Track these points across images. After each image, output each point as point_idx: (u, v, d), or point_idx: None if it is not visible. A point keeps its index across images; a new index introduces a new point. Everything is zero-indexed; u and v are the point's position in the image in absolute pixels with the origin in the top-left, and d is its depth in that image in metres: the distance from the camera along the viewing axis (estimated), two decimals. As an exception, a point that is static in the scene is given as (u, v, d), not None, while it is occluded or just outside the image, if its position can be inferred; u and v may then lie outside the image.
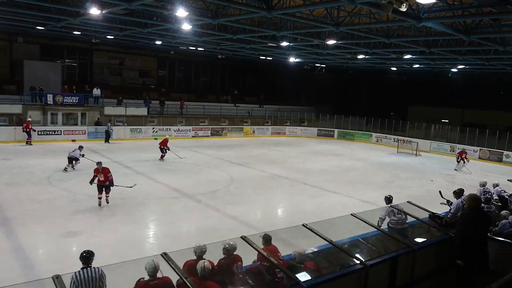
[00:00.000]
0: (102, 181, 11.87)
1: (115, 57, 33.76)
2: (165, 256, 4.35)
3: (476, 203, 5.07)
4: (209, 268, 4.54)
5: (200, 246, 5.02)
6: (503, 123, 31.51)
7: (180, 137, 28.67)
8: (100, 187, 11.92)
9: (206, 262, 4.59)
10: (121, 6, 14.45)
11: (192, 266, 4.74)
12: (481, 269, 4.86)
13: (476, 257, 4.79)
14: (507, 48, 17.32)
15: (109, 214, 11.35)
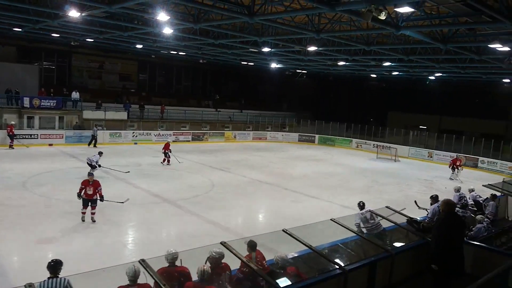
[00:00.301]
0: (90, 195, 10.81)
1: (94, 60, 33.32)
2: (143, 262, 4.29)
3: (450, 208, 5.17)
4: (209, 271, 4.53)
5: (171, 253, 4.96)
6: (478, 130, 32.36)
7: (161, 142, 28.32)
8: (86, 201, 10.82)
9: (206, 266, 4.58)
10: (101, 9, 14.26)
11: (164, 274, 4.70)
12: (457, 273, 4.95)
13: (451, 261, 4.87)
14: (482, 57, 17.81)
15: (86, 221, 11.11)
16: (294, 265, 5.11)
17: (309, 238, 5.83)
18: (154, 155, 22.94)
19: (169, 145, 20.88)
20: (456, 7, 10.69)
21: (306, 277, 4.77)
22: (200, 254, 5.17)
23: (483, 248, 5.83)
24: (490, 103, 33.88)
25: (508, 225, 10.75)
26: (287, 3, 13.42)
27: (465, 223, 7.60)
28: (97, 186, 10.96)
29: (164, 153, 20.53)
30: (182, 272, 4.95)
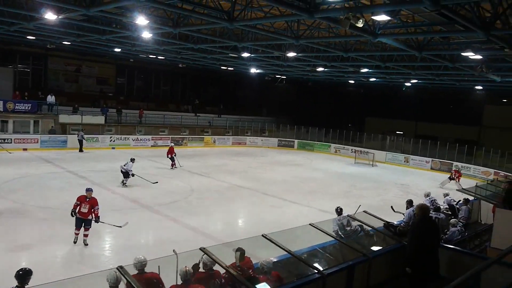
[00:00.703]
0: (85, 214, 9.53)
1: (71, 63, 32.70)
2: (121, 269, 4.23)
3: (424, 212, 5.30)
4: (191, 272, 4.62)
5: (140, 260, 4.97)
6: (453, 135, 33.26)
7: (139, 147, 28.08)
8: (80, 220, 9.54)
9: (188, 267, 4.65)
10: (78, 12, 14.03)
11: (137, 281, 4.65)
12: (433, 276, 5.06)
13: (426, 264, 4.99)
14: (456, 64, 18.33)
15: (61, 226, 10.85)
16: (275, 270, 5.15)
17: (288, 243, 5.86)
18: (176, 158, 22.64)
19: (173, 149, 21.69)
20: (431, 16, 10.99)
21: (285, 281, 4.80)
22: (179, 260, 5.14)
23: (457, 251, 5.97)
24: (463, 109, 34.89)
25: (480, 228, 11.07)
26: (266, 9, 13.54)
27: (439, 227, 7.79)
28: (94, 205, 9.67)
29: (171, 158, 21.29)
30: (150, 278, 4.91)
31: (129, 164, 16.18)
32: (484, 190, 12.21)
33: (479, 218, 12.42)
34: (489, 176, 24.08)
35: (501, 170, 24.44)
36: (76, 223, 9.55)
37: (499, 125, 32.14)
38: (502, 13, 10.30)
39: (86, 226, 9.55)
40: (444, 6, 9.09)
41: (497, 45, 12.89)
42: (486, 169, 25.35)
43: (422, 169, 28.23)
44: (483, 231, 10.61)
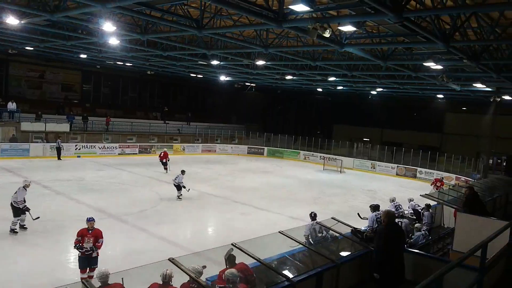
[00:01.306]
0: (89, 253, 7.94)
1: (34, 69, 31.65)
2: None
3: (390, 218, 5.45)
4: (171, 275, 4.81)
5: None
6: (417, 142, 34.41)
7: (106, 155, 27.43)
8: (84, 260, 7.96)
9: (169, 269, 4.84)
10: (42, 17, 13.64)
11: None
12: (399, 280, 5.21)
13: (392, 269, 5.12)
14: (418, 74, 19.01)
15: (23, 238, 10.46)
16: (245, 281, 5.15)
17: (258, 251, 5.88)
18: (98, 169, 22.13)
19: (167, 154, 23.15)
20: (394, 28, 11.37)
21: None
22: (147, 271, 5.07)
23: (421, 255, 6.16)
24: (426, 117, 36.21)
25: (443, 232, 11.47)
26: (236, 17, 13.62)
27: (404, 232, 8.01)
28: (99, 237, 8.08)
29: (163, 162, 22.49)
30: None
31: (179, 177, 16.26)
32: (446, 195, 12.67)
33: (442, 222, 12.87)
34: (451, 181, 25.02)
35: (462, 175, 25.46)
36: (80, 263, 7.99)
37: (459, 132, 33.52)
38: (460, 25, 10.81)
39: (92, 266, 7.95)
40: (406, 19, 9.44)
41: (456, 56, 13.48)
42: (448, 175, 26.32)
43: (388, 175, 29.00)
44: (445, 235, 11.00)
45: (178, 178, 16.21)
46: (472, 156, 27.86)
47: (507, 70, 16.35)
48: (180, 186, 16.12)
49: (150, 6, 12.23)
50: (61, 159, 24.48)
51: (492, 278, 4.64)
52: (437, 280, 3.22)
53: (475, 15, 10.48)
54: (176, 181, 16.21)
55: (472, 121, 32.08)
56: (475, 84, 19.81)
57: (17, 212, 10.84)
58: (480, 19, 10.83)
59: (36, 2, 12.86)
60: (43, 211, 11.97)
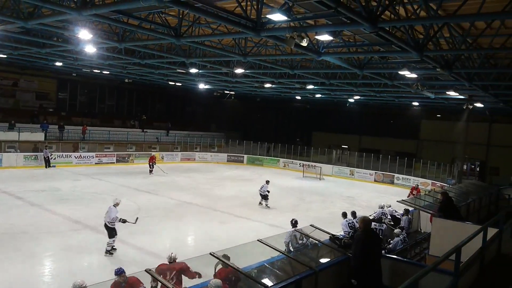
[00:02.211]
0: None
1: (7, 77, 30.88)
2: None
3: (366, 225, 5.52)
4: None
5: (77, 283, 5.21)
6: (394, 148, 35.02)
7: (82, 164, 26.90)
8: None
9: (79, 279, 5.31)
10: (16, 24, 13.35)
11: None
12: (376, 286, 5.26)
13: (369, 275, 5.18)
14: (394, 82, 19.41)
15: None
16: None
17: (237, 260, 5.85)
18: (74, 179, 21.67)
19: (154, 158, 26.25)
20: (370, 37, 11.62)
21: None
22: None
23: (399, 261, 6.26)
24: (402, 124, 36.92)
25: (420, 237, 11.68)
26: (214, 26, 13.65)
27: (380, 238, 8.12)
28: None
29: (151, 165, 25.31)
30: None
31: (265, 186, 17.51)
32: (422, 200, 12.93)
33: (419, 227, 13.11)
34: (427, 187, 25.53)
35: (438, 181, 26.02)
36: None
37: (434, 138, 34.30)
38: (433, 35, 11.13)
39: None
40: (381, 28, 9.65)
41: (430, 64, 13.85)
42: (425, 180, 26.86)
43: (366, 181, 29.39)
44: (422, 240, 11.21)
45: (263, 188, 17.66)
46: (448, 162, 28.55)
47: (478, 78, 16.87)
48: (267, 196, 17.52)
49: (127, 14, 12.14)
50: (54, 166, 25.07)
51: (466, 282, 4.74)
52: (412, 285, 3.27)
53: (447, 25, 10.82)
54: (262, 190, 17.74)
55: (446, 128, 32.88)
56: (448, 92, 20.36)
57: (112, 233, 10.64)
58: (452, 29, 11.17)
59: (9, 9, 12.59)
60: (16, 223, 11.63)
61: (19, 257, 9.91)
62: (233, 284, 5.24)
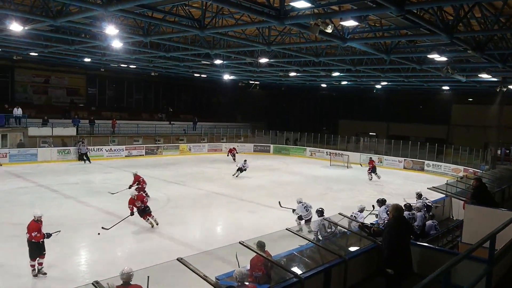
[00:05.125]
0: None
1: (39, 74, 31.91)
2: (97, 284, 4.16)
3: (399, 212, 5.45)
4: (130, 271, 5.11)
5: (126, 271, 5.16)
6: (423, 134, 34.21)
7: (113, 157, 27.59)
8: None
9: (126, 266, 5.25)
10: (45, 23, 13.76)
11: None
12: (407, 274, 5.20)
13: (402, 263, 5.12)
14: (423, 66, 18.91)
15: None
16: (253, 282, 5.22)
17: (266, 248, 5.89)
18: (106, 171, 22.28)
19: (233, 149, 28.50)
20: (397, 21, 11.32)
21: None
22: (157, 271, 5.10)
23: (430, 248, 6.15)
24: (432, 109, 35.99)
25: (452, 224, 11.42)
26: (237, 16, 13.62)
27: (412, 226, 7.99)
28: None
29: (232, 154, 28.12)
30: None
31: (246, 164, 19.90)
32: (454, 187, 12.60)
33: (451, 215, 12.82)
34: (459, 173, 24.86)
35: (470, 167, 25.28)
36: None
37: (466, 123, 33.29)
38: (463, 16, 10.73)
39: None
40: (408, 11, 9.39)
41: (460, 47, 13.39)
42: (456, 167, 26.16)
43: (395, 168, 28.89)
44: (454, 227, 10.95)
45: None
46: (480, 147, 27.68)
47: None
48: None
49: (151, 8, 12.29)
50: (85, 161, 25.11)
51: (501, 270, 4.62)
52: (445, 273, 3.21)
53: (478, 5, 10.40)
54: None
55: (479, 112, 31.84)
56: (480, 74, 19.65)
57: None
58: (483, 8, 10.74)
59: (39, 8, 12.96)
60: (52, 215, 12.08)
61: (56, 247, 10.27)
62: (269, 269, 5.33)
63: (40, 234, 8.58)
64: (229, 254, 6.34)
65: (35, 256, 8.54)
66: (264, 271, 5.41)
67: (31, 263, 8.59)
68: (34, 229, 8.55)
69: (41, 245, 8.63)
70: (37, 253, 8.57)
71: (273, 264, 5.29)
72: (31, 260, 8.57)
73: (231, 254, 6.14)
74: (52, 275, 8.66)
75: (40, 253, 8.61)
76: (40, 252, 8.61)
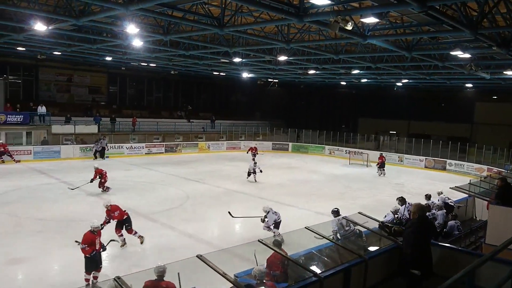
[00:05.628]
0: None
1: (62, 73, 32.63)
2: (119, 280, 4.22)
3: (423, 212, 5.35)
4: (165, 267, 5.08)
5: (159, 267, 5.17)
6: (445, 133, 33.53)
7: (133, 155, 27.99)
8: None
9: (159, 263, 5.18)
10: (68, 22, 14.05)
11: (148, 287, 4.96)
12: (428, 274, 5.11)
13: (424, 263, 5.04)
14: (445, 63, 18.52)
15: (57, 237, 10.79)
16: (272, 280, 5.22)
17: (285, 247, 5.89)
18: (126, 168, 22.61)
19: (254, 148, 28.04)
20: (419, 17, 11.13)
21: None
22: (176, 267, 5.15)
23: (453, 249, 6.03)
24: (455, 107, 35.24)
25: (476, 225, 11.17)
26: (256, 14, 13.62)
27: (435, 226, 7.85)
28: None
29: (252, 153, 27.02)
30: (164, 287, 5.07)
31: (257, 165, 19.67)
32: (477, 187, 12.33)
33: (474, 215, 12.55)
34: (483, 173, 24.29)
35: (494, 166, 24.66)
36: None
37: (491, 122, 32.47)
38: (488, 12, 10.45)
39: None
40: (431, 7, 9.20)
41: (485, 43, 13.05)
42: (480, 166, 25.56)
43: (416, 167, 28.42)
44: (478, 228, 10.71)
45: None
46: (505, 146, 26.96)
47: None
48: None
49: (171, 7, 12.39)
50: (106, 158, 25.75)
51: (527, 272, 4.48)
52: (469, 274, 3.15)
53: (504, 0, 10.11)
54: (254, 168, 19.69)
55: (504, 110, 31.03)
56: (506, 71, 19.14)
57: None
58: (509, 3, 10.44)
59: (62, 8, 13.23)
60: (75, 210, 12.33)
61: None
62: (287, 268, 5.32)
63: (90, 247, 7.84)
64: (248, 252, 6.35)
65: (89, 270, 7.92)
66: (282, 270, 5.41)
67: (86, 277, 7.89)
68: (85, 241, 7.86)
69: (92, 259, 7.90)
70: (91, 267, 7.94)
71: (290, 263, 5.28)
72: (86, 274, 7.91)
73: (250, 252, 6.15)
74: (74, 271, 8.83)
75: (94, 267, 7.98)
76: (94, 266, 7.98)
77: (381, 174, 24.37)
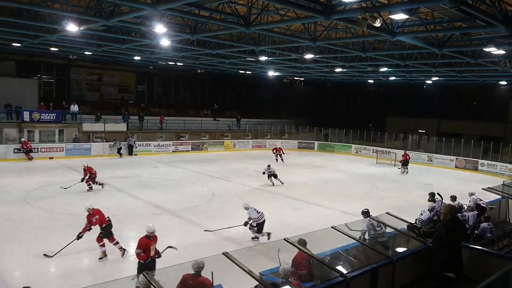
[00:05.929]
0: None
1: (93, 73, 33.49)
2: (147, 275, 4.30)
3: (455, 213, 5.21)
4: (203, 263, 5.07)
5: (197, 262, 5.24)
6: (477, 132, 32.45)
7: (161, 152, 28.45)
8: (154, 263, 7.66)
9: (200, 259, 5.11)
10: (99, 23, 14.40)
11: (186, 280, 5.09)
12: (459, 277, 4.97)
13: (455, 266, 4.90)
14: (478, 60, 17.93)
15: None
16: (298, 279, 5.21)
17: (311, 246, 5.85)
18: (154, 166, 23.00)
19: (279, 149, 26.90)
20: (450, 13, 10.82)
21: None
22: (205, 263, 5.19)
23: (485, 252, 5.84)
24: (488, 105, 34.04)
25: (509, 228, 10.77)
26: (283, 12, 13.57)
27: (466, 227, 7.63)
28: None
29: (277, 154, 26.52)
30: (200, 282, 5.10)
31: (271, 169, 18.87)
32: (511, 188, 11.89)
33: (507, 217, 12.10)
34: (517, 174, 23.41)
35: (529, 167, 23.73)
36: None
37: (526, 121, 31.25)
38: (524, 6, 10.06)
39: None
40: (463, 2, 8.94)
41: (520, 39, 12.58)
42: (513, 166, 24.64)
43: (446, 167, 27.68)
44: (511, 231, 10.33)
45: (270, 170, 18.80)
46: (541, 146, 25.89)
47: None
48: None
49: (198, 6, 12.51)
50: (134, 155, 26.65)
51: None
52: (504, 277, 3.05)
53: (542, -6, 9.72)
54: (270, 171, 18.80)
55: (540, 109, 29.78)
56: (542, 68, 18.36)
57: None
58: (547, -2, 10.02)
59: (93, 9, 13.57)
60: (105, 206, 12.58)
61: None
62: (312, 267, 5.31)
63: (145, 253, 7.53)
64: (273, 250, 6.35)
65: None
66: (309, 269, 5.38)
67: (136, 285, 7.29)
68: (139, 246, 7.56)
69: (146, 266, 7.39)
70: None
71: (315, 262, 5.24)
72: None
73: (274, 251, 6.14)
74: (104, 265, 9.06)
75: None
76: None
77: (404, 171, 24.22)
